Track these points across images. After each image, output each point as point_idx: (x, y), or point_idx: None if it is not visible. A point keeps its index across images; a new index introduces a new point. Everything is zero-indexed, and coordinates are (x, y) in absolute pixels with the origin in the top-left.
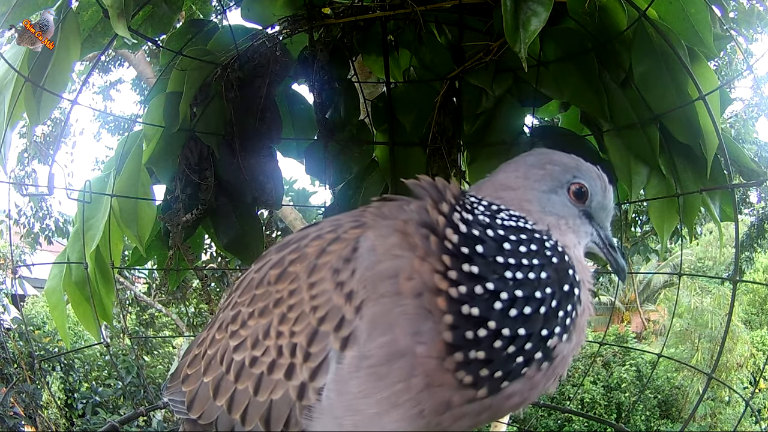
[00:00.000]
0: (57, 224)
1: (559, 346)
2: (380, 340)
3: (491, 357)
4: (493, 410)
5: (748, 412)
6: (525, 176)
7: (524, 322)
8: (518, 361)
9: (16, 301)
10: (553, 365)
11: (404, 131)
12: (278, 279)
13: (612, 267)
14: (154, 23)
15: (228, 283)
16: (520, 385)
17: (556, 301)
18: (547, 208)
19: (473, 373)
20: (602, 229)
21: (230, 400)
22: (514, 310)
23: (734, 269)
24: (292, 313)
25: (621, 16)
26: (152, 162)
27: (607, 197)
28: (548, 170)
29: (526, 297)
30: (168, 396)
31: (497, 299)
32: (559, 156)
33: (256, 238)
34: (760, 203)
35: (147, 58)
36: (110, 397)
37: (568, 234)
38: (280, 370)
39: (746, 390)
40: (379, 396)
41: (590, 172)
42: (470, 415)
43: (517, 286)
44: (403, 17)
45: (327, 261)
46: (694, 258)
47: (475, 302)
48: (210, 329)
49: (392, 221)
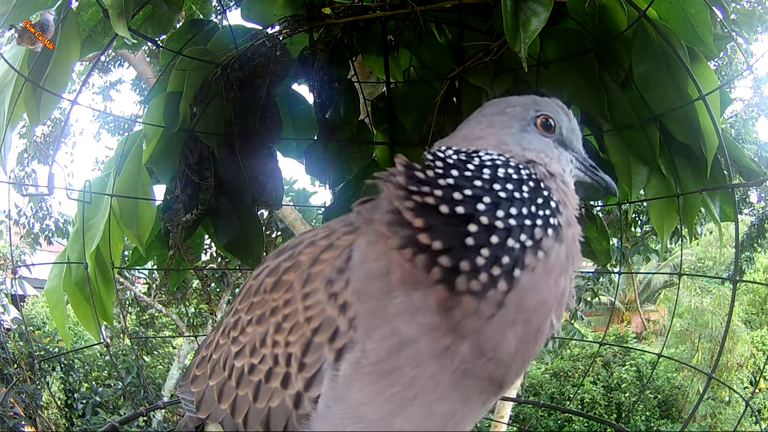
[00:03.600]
0: (57, 224)
1: (546, 240)
2: (380, 335)
3: (495, 252)
4: (523, 311)
5: (748, 412)
6: (490, 124)
7: (507, 216)
8: (513, 245)
9: (16, 301)
10: (549, 259)
11: (404, 131)
12: (274, 287)
13: (600, 186)
14: (154, 23)
15: (228, 284)
16: (529, 276)
17: (534, 205)
18: (524, 145)
19: (486, 271)
20: (578, 153)
21: (233, 405)
22: (500, 211)
23: (734, 269)
24: (287, 322)
25: (621, 16)
26: (152, 162)
27: (572, 120)
28: (510, 113)
29: (509, 198)
30: (180, 394)
31: (479, 201)
32: (514, 98)
33: (256, 238)
34: (760, 203)
35: (147, 58)
36: (110, 397)
37: (552, 164)
38: (276, 378)
39: (746, 390)
40: (386, 395)
41: (549, 103)
42: (507, 325)
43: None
44: (403, 17)
45: (320, 270)
46: (694, 258)
47: (455, 203)
48: (216, 333)
49: (376, 225)
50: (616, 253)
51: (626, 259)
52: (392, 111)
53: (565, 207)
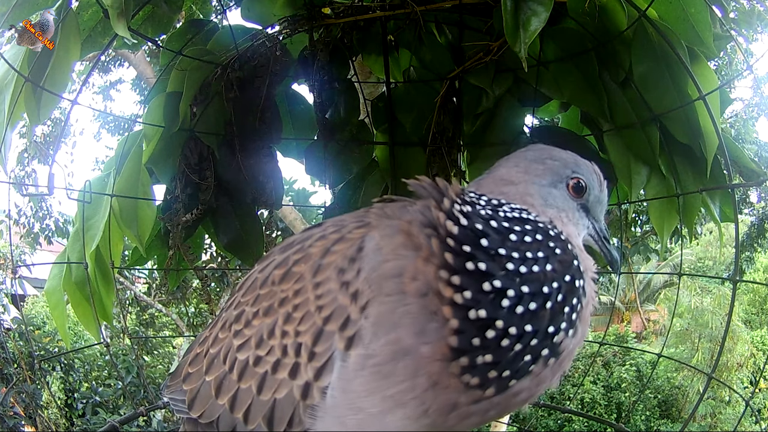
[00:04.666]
0: (57, 224)
1: (565, 341)
2: (385, 339)
3: (499, 358)
4: (500, 408)
5: (748, 412)
6: (526, 171)
7: (531, 319)
8: (526, 359)
9: (16, 301)
10: (559, 360)
11: (404, 131)
12: (283, 279)
13: (606, 258)
14: (154, 23)
15: (228, 283)
16: (527, 382)
17: (562, 295)
18: (549, 201)
19: (480, 375)
20: (597, 222)
21: (233, 399)
22: (520, 307)
23: (734, 269)
24: (298, 312)
25: (621, 16)
26: (152, 162)
27: (603, 191)
28: (548, 165)
29: (532, 293)
30: (168, 395)
31: (504, 297)
32: (558, 152)
33: (256, 238)
34: (760, 203)
35: (147, 58)
36: (110, 397)
37: (568, 226)
38: (284, 369)
39: (746, 390)
40: (383, 394)
41: (587, 167)
42: (477, 414)
43: (523, 282)
44: (403, 17)
45: (332, 261)
46: (694, 258)
47: (481, 305)
48: (212, 328)
49: (396, 221)
50: None
51: (626, 259)
52: (392, 111)
53: (587, 278)
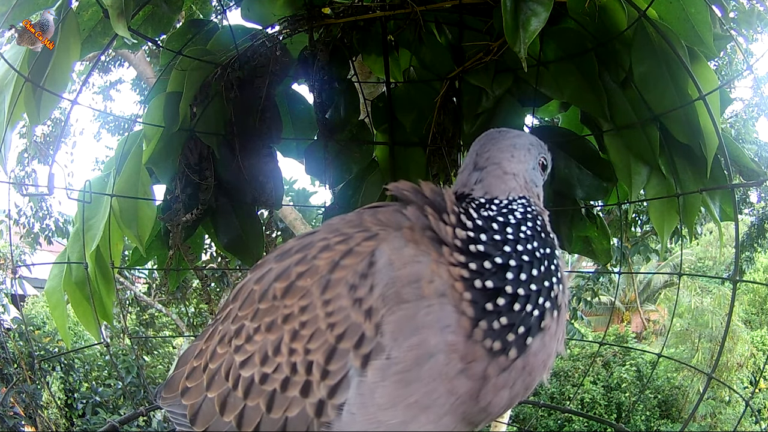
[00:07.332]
0: (57, 224)
1: (560, 294)
2: (407, 344)
3: (513, 320)
4: (525, 373)
5: (748, 412)
6: (520, 160)
7: (533, 281)
8: (535, 314)
9: (16, 301)
10: (560, 313)
11: (404, 131)
12: (286, 293)
13: None
14: (154, 23)
15: (228, 284)
16: (540, 338)
17: (548, 260)
18: (538, 183)
19: (501, 339)
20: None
21: (240, 417)
22: (524, 274)
23: (734, 269)
24: (306, 330)
25: (621, 16)
26: (152, 162)
27: None
28: (532, 151)
29: (530, 261)
30: (166, 407)
31: (508, 269)
32: (530, 137)
33: (256, 238)
34: (760, 203)
35: (147, 58)
36: (110, 397)
37: (540, 201)
38: (295, 387)
39: (746, 390)
40: (406, 402)
41: (545, 147)
42: (506, 386)
43: (521, 254)
44: (403, 17)
45: (342, 276)
46: (694, 258)
47: (486, 277)
48: (209, 340)
49: (400, 231)
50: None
51: (626, 259)
52: (392, 111)
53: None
